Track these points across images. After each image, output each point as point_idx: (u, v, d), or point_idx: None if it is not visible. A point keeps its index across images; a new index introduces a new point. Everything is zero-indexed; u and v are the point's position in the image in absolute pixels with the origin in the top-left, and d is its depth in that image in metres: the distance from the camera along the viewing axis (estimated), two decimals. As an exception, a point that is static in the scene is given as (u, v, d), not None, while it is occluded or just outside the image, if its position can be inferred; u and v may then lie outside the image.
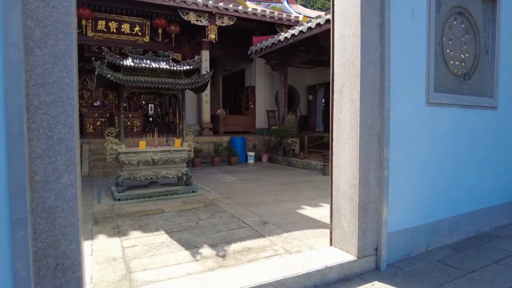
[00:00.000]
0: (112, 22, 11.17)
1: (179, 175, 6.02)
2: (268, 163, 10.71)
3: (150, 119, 14.36)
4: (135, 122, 14.27)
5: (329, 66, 3.24)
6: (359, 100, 2.83)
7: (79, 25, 10.42)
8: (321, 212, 4.69)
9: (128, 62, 5.60)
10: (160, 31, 11.31)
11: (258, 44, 10.72)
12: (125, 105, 15.62)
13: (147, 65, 5.67)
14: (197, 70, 6.17)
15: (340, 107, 3.05)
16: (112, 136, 5.74)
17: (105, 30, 11.11)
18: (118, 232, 3.92)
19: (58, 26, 1.86)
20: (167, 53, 6.13)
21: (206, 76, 5.99)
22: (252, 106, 13.97)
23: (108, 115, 13.44)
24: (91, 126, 13.26)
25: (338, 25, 3.09)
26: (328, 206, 5.04)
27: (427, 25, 3.29)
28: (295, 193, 5.99)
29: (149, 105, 14.65)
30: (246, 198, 5.60)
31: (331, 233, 3.21)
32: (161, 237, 3.73)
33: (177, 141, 6.06)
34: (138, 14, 11.21)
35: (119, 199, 5.48)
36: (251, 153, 10.85)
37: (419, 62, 3.29)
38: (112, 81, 5.32)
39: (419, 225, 3.34)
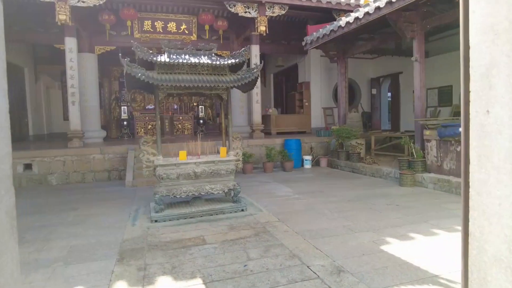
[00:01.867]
0: (158, 21, 10.60)
1: (226, 190, 5.00)
2: (327, 169, 9.35)
3: (201, 121, 13.73)
4: (186, 124, 13.73)
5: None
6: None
7: (125, 27, 9.97)
8: (416, 251, 3.33)
9: (163, 58, 4.70)
10: (207, 27, 10.49)
11: (314, 34, 9.39)
12: (176, 107, 15.22)
13: (185, 61, 4.72)
14: (244, 64, 5.09)
15: (485, 104, 1.71)
16: (148, 146, 4.89)
17: (151, 30, 10.57)
18: (143, 278, 2.95)
19: None
20: (209, 45, 5.14)
21: (255, 70, 4.88)
22: (306, 103, 12.66)
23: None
24: (142, 130, 12.93)
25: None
26: (423, 239, 3.64)
27: None
28: (371, 215, 4.64)
29: (200, 106, 14.03)
30: (307, 223, 4.39)
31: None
32: (196, 291, 2.69)
33: (223, 150, 5.04)
34: (184, 11, 10.51)
35: (156, 220, 4.61)
36: (308, 157, 9.57)
37: None
38: (144, 82, 4.45)
39: None
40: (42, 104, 13.94)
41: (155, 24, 10.56)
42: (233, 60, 4.90)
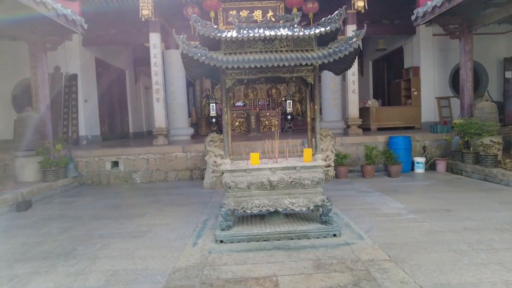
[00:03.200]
0: (243, 10, 9.72)
1: (311, 206, 3.65)
2: (447, 175, 7.16)
3: (289, 117, 12.54)
4: (273, 121, 12.74)
5: None
6: None
7: (208, 18, 9.34)
8: None
9: (230, 34, 3.59)
10: (295, 10, 9.18)
11: (429, 3, 7.26)
12: (263, 102, 14.32)
13: (258, 35, 3.52)
14: (338, 34, 3.66)
15: None
16: (216, 146, 3.86)
17: (236, 21, 9.75)
18: None
19: None
20: (291, 14, 3.86)
21: (354, 40, 3.39)
22: (415, 93, 10.34)
23: (245, 114, 12.29)
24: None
25: None
26: None
27: None
28: (553, 264, 2.76)
29: (288, 101, 12.84)
30: (438, 269, 2.76)
31: None
32: None
33: (307, 152, 3.70)
34: (270, -4, 9.42)
35: (221, 241, 3.55)
36: (420, 159, 7.51)
37: None
38: (207, 66, 3.41)
39: None
40: (142, 103, 14.57)
41: (240, 13, 9.70)
42: (322, 29, 3.51)
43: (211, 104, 11.92)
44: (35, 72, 7.31)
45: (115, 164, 7.79)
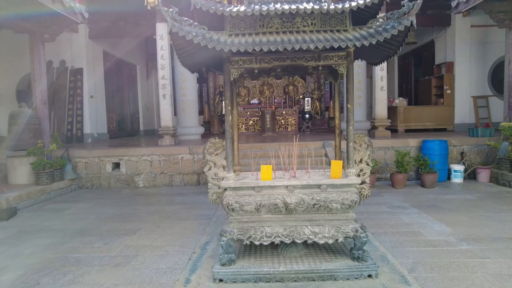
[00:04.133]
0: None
1: (340, 238, 2.73)
2: (491, 186, 6.06)
3: (306, 116, 11.57)
4: (290, 120, 11.79)
5: None
6: None
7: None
8: None
9: (237, 8, 2.71)
10: None
11: (474, -14, 6.16)
12: (279, 100, 13.39)
13: (274, 10, 2.63)
14: (380, 9, 2.71)
15: None
16: (218, 154, 3.00)
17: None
18: None
19: None
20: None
21: (405, 16, 2.43)
22: (449, 91, 9.19)
23: (260, 113, 11.40)
24: (243, 125, 11.53)
25: None
26: None
27: None
28: None
29: (306, 99, 11.87)
30: None
31: None
32: None
33: (336, 166, 2.77)
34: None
35: (220, 280, 2.69)
36: (458, 167, 6.44)
37: None
38: (206, 51, 2.54)
39: None
40: (154, 100, 13.88)
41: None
42: (360, 1, 2.57)
43: (223, 101, 11.07)
44: (33, 65, 6.64)
45: (117, 165, 7.06)
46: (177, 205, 5.32)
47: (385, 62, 7.01)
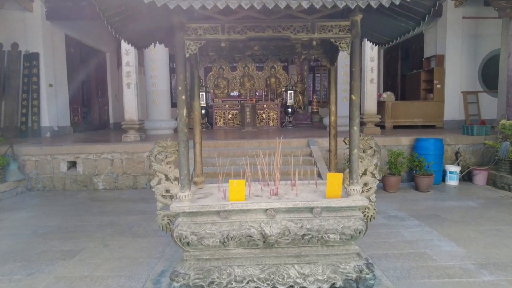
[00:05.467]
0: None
1: (339, 283, 1.94)
2: (490, 190, 5.47)
3: (289, 110, 10.77)
4: (271, 114, 10.95)
5: None
6: None
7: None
8: None
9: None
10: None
11: (476, -31, 5.48)
12: (259, 93, 12.53)
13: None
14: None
15: None
16: (169, 163, 2.13)
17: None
18: None
19: None
20: None
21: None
22: (439, 86, 8.60)
23: (239, 106, 10.51)
24: (221, 119, 10.61)
25: None
26: None
27: None
28: None
29: (289, 92, 11.04)
30: None
31: None
32: None
33: (333, 180, 1.97)
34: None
35: None
36: (454, 169, 5.83)
37: None
38: (138, 7, 1.66)
39: None
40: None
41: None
42: None
43: (200, 93, 10.12)
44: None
45: (73, 164, 6.05)
46: (136, 215, 4.40)
47: (376, 52, 6.21)
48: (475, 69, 8.65)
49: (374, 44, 2.45)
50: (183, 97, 1.90)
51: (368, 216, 2.16)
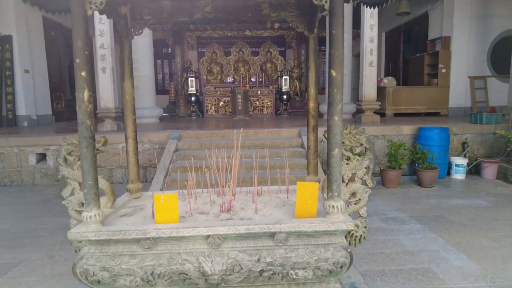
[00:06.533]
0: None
1: (311, 337, 1.38)
2: (502, 185, 4.87)
3: (284, 97, 10.12)
4: (266, 101, 10.30)
5: None
6: None
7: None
8: None
9: None
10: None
11: None
12: (253, 80, 11.84)
13: None
14: None
15: None
16: (78, 167, 1.54)
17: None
18: None
19: None
20: None
21: None
22: (444, 70, 7.90)
23: (230, 93, 9.86)
24: (213, 107, 9.99)
25: None
26: None
27: None
28: None
29: (284, 77, 10.36)
30: None
31: None
32: None
33: (304, 192, 1.38)
34: None
35: None
36: (460, 161, 5.22)
37: None
38: None
39: None
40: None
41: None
42: None
43: (189, 79, 9.47)
44: None
45: (42, 157, 5.49)
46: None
47: (376, 33, 5.52)
48: (484, 52, 7.92)
49: (367, 6, 1.81)
50: (83, 73, 1.29)
51: (356, 236, 1.58)
